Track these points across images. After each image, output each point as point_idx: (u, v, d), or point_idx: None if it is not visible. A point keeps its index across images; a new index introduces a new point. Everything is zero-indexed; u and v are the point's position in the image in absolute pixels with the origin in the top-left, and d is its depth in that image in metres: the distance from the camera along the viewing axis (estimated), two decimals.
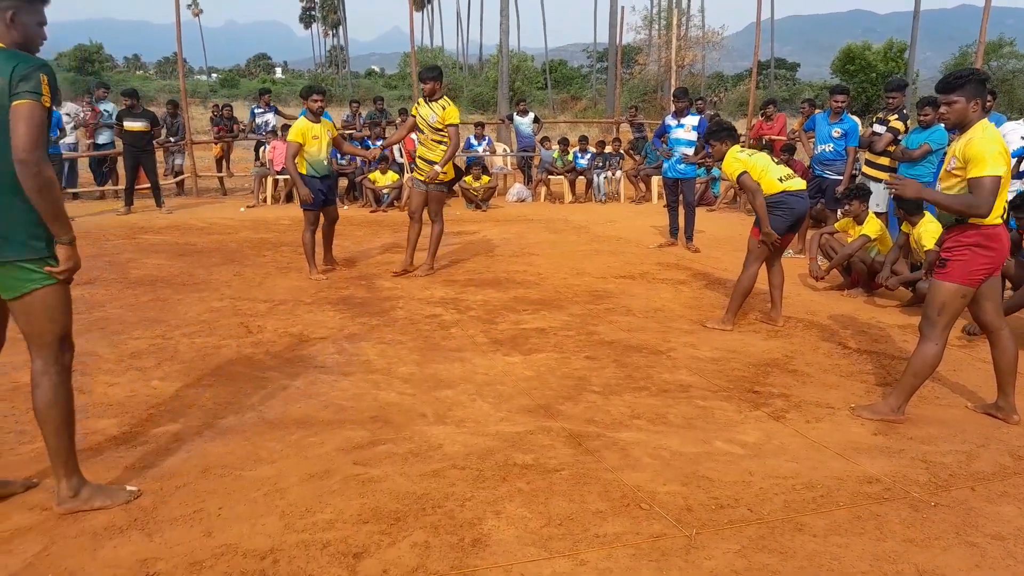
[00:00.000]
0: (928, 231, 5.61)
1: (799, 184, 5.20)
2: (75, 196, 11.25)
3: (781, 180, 5.12)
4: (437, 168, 6.44)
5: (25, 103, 2.38)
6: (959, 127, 3.50)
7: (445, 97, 6.57)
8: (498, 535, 2.64)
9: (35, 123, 2.39)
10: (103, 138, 11.76)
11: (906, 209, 5.78)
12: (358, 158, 11.51)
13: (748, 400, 3.96)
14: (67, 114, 11.33)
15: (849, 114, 7.78)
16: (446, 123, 6.46)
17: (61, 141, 10.72)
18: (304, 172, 6.50)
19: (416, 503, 2.84)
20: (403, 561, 2.48)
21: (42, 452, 2.86)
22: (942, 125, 6.98)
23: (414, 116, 6.68)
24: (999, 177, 3.32)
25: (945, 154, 6.86)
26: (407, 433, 3.49)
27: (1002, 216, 3.47)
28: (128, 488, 2.87)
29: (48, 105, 2.46)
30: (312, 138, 6.44)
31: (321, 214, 6.69)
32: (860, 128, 7.92)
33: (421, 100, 6.62)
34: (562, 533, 2.65)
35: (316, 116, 6.49)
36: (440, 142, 6.51)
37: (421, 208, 6.75)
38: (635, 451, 3.32)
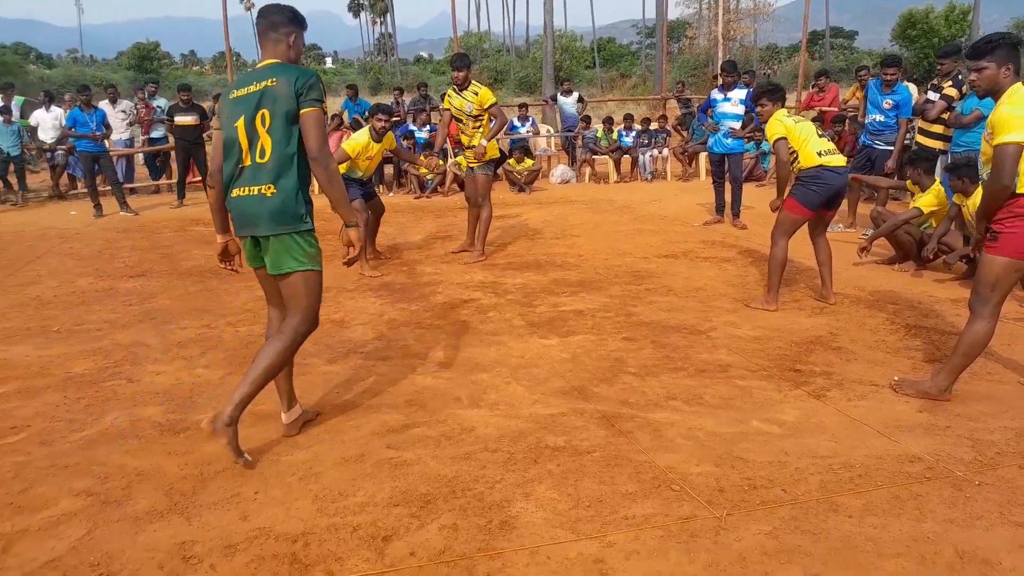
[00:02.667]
0: None
1: (839, 160, 4.99)
2: (132, 191, 11.60)
3: (820, 155, 4.92)
4: (483, 143, 6.47)
5: (314, 110, 2.85)
6: (991, 94, 3.32)
7: (474, 83, 6.59)
8: (526, 517, 2.64)
9: (321, 126, 2.88)
10: (157, 133, 12.09)
11: (968, 177, 5.50)
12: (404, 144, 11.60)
13: (788, 379, 3.86)
14: (122, 111, 11.67)
15: (905, 83, 7.47)
16: (485, 106, 6.51)
17: (116, 137, 11.06)
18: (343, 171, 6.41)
19: (446, 486, 2.86)
20: (430, 543, 2.50)
21: (93, 438, 2.95)
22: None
23: (448, 109, 6.76)
24: (1021, 144, 3.13)
25: None
26: (441, 416, 3.51)
27: None
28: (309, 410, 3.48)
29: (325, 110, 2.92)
30: (366, 158, 6.41)
31: (369, 207, 6.67)
32: (915, 97, 7.61)
33: (451, 91, 6.67)
34: (591, 515, 2.64)
35: (379, 135, 6.41)
36: (479, 128, 6.59)
37: (475, 193, 6.76)
38: (669, 432, 3.28)
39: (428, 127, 12.09)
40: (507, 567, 2.38)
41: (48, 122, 11.30)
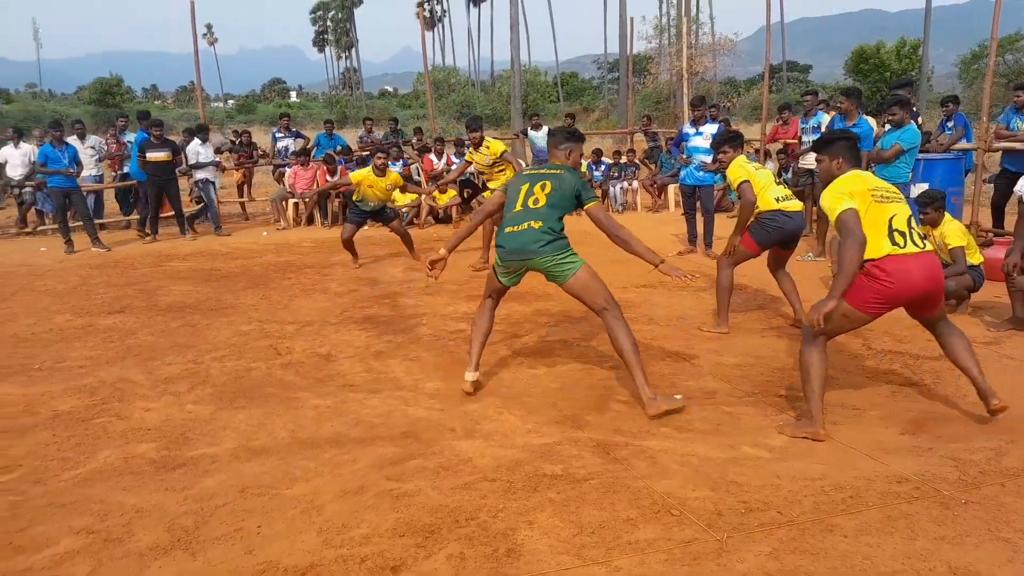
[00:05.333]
0: (952, 229, 5.60)
1: (795, 206, 5.29)
2: (102, 226, 11.46)
3: (777, 200, 5.21)
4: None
5: (596, 203, 4.07)
6: (827, 183, 3.63)
7: (485, 138, 7.89)
8: (531, 544, 2.68)
9: (606, 214, 4.09)
10: (128, 168, 11.98)
11: (937, 209, 5.70)
12: None
13: (774, 404, 3.98)
14: (91, 147, 11.57)
15: (864, 116, 7.78)
16: (498, 156, 7.85)
17: (85, 173, 10.95)
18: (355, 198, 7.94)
19: (449, 516, 2.89)
20: (439, 573, 2.53)
21: (87, 476, 2.94)
22: (913, 124, 7.06)
23: (470, 161, 8.20)
24: (851, 209, 3.37)
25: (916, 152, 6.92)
26: (437, 448, 3.55)
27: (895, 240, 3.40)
28: (675, 396, 3.99)
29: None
30: (367, 187, 7.71)
31: (390, 229, 8.33)
32: (875, 129, 7.92)
33: (471, 151, 8.04)
34: (594, 541, 2.69)
35: (380, 171, 7.70)
36: (503, 170, 7.91)
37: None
38: (663, 458, 3.35)
39: (401, 162, 12.18)
40: None
41: (17, 158, 11.14)
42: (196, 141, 11.11)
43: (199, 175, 11.05)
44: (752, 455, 3.37)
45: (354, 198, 7.99)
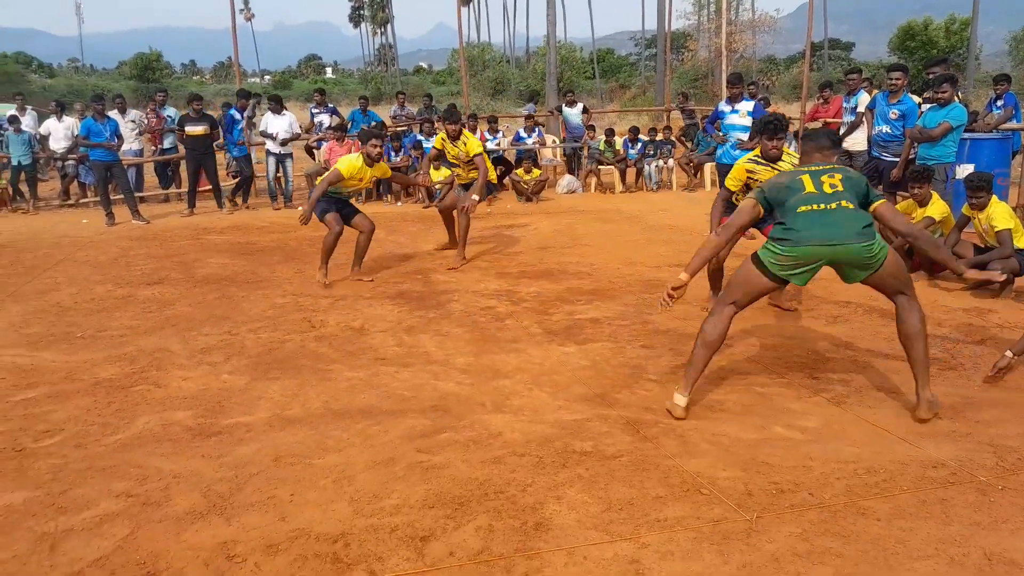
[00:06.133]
0: (999, 212, 5.45)
1: None
2: (142, 199, 11.66)
3: None
4: (475, 198, 6.82)
5: (884, 202, 3.52)
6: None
7: (464, 132, 7.02)
8: (560, 519, 2.69)
9: (894, 211, 3.66)
10: (168, 142, 12.17)
11: (987, 191, 5.56)
12: (411, 155, 11.70)
13: (807, 386, 3.93)
14: (131, 121, 11.75)
15: (910, 94, 7.59)
16: (471, 155, 6.95)
17: (125, 147, 11.13)
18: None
19: (479, 488, 2.92)
20: (468, 544, 2.56)
21: (126, 441, 3.00)
22: (959, 103, 6.85)
23: (439, 149, 7.22)
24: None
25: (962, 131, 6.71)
26: (467, 421, 3.57)
27: None
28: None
29: None
30: (357, 180, 6.42)
31: (352, 225, 6.55)
32: (920, 108, 7.72)
33: (443, 137, 7.05)
34: (623, 517, 2.70)
35: (373, 161, 6.37)
36: (476, 167, 6.99)
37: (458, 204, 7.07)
38: (693, 438, 3.34)
39: (434, 136, 12.18)
40: (545, 567, 2.43)
41: (60, 131, 11.37)
42: (268, 112, 11.12)
43: (273, 149, 10.96)
44: (784, 436, 3.34)
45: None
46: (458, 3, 13.88)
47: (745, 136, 8.05)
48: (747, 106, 8.08)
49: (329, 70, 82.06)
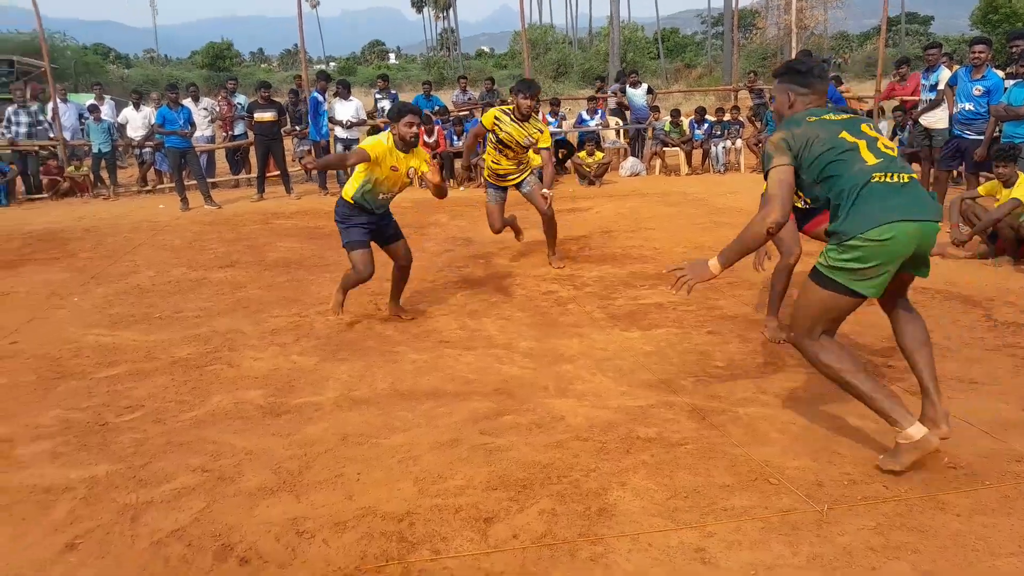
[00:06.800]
0: None
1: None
2: (213, 185, 12.04)
3: None
4: (548, 192, 5.83)
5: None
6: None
7: (535, 117, 5.86)
8: (624, 505, 2.68)
9: None
10: (238, 129, 12.51)
11: None
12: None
13: (883, 375, 3.80)
14: (204, 109, 12.11)
15: (994, 69, 7.21)
16: (540, 146, 5.85)
17: (198, 134, 11.49)
18: (350, 198, 4.71)
19: (542, 472, 2.92)
20: (531, 527, 2.56)
21: (202, 418, 3.11)
22: None
23: (488, 128, 5.84)
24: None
25: None
26: (530, 405, 3.57)
27: None
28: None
29: None
30: (390, 168, 4.61)
31: (388, 252, 4.96)
32: (1005, 84, 7.33)
33: (502, 114, 5.79)
34: (688, 505, 2.66)
35: (406, 145, 4.65)
36: (538, 156, 6.04)
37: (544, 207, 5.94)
38: (762, 426, 3.27)
39: None
40: (609, 552, 2.42)
41: (138, 120, 11.84)
42: (338, 100, 11.35)
43: (341, 134, 11.19)
44: (857, 426, 3.23)
45: (348, 196, 4.74)
46: None
47: None
48: None
49: (392, 56, 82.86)
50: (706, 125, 12.21)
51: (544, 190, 5.84)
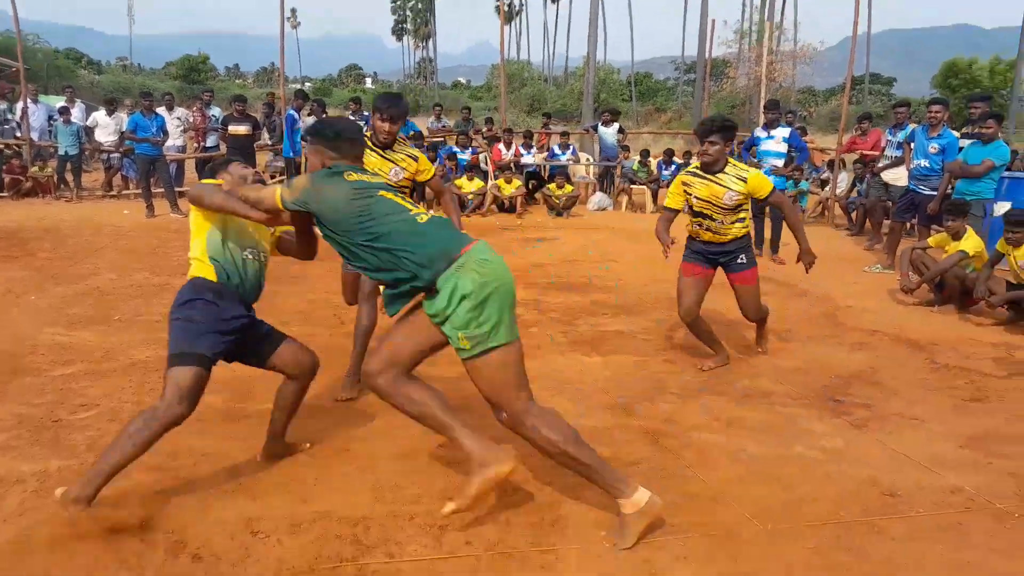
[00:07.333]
0: None
1: None
2: (181, 194, 11.93)
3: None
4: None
5: None
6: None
7: (403, 141, 4.19)
8: (576, 518, 2.74)
9: None
10: (211, 141, 12.46)
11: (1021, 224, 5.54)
12: (446, 165, 11.84)
13: (829, 409, 3.93)
14: (177, 118, 12.06)
15: (950, 129, 7.56)
16: (420, 180, 4.28)
17: (170, 143, 11.43)
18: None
19: (498, 485, 2.96)
20: (484, 535, 2.62)
21: None
22: (1003, 140, 6.84)
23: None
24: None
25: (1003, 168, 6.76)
26: (489, 421, 3.61)
27: None
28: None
29: None
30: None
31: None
32: (960, 144, 7.68)
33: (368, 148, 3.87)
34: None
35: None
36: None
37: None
38: (713, 452, 3.37)
39: (470, 149, 12.35)
40: (559, 561, 2.48)
41: (111, 125, 11.74)
42: (313, 119, 11.38)
43: None
44: (804, 455, 3.35)
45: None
46: (501, 20, 14.09)
47: (780, 162, 8.08)
48: (783, 132, 8.09)
49: (369, 80, 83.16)
50: (674, 167, 12.50)
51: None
